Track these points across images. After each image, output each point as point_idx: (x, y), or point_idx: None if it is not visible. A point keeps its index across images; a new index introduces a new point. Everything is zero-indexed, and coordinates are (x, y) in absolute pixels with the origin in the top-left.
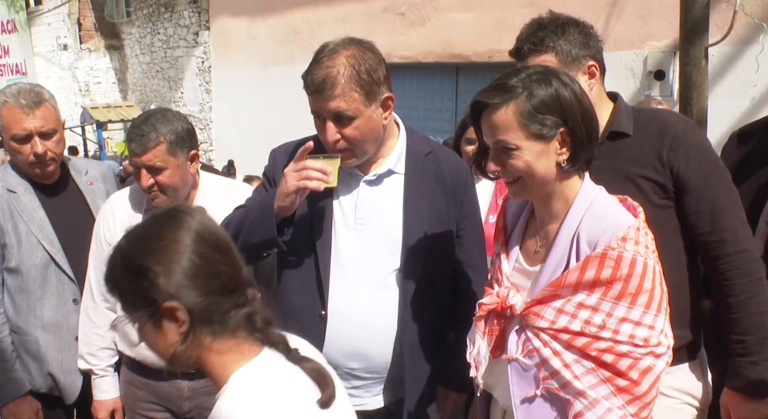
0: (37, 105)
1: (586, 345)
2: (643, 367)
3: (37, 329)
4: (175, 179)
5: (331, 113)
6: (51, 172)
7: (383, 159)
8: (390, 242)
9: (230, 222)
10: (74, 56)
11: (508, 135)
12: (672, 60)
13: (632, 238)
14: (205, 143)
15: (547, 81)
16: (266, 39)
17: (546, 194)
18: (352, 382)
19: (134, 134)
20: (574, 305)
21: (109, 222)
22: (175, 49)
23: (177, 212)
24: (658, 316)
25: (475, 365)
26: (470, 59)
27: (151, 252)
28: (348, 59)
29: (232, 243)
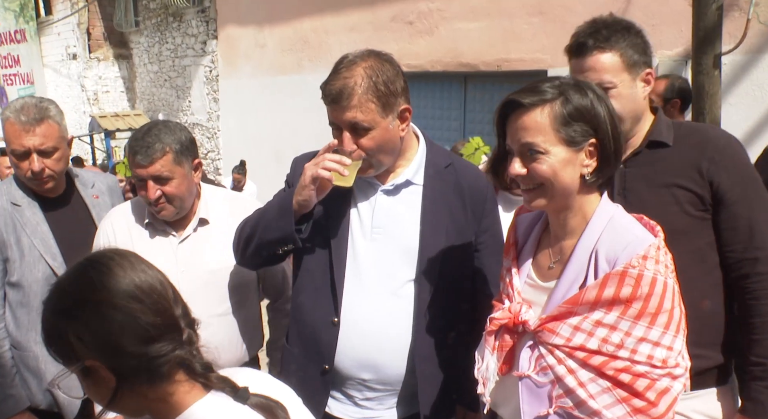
0: (38, 122)
1: (602, 363)
2: (661, 388)
3: (38, 345)
4: (182, 189)
5: (348, 124)
6: (50, 188)
7: (402, 169)
8: (406, 252)
9: (248, 221)
10: (83, 65)
11: (538, 137)
12: (683, 69)
13: (653, 257)
14: (212, 152)
15: (583, 91)
16: (274, 48)
17: (564, 206)
18: (364, 393)
19: (139, 146)
20: (592, 323)
21: (109, 236)
22: (183, 58)
23: (96, 264)
24: (677, 337)
25: (482, 381)
26: (478, 68)
27: (66, 313)
28: (366, 70)
29: (160, 286)
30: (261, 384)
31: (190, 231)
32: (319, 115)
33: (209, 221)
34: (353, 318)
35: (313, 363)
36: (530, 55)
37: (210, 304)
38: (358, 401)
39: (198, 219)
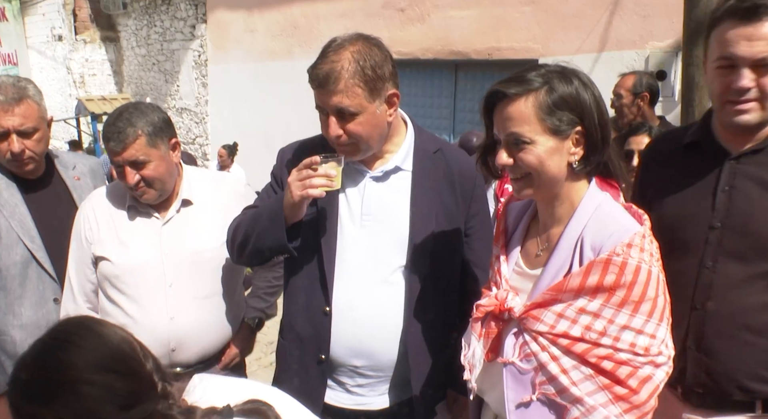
0: (17, 101)
1: (585, 351)
2: (643, 376)
3: (15, 329)
4: (161, 170)
5: (334, 108)
6: (30, 170)
7: (390, 155)
8: (396, 239)
9: (240, 224)
10: (69, 47)
11: (524, 127)
12: (674, 60)
13: (637, 245)
14: (200, 137)
15: (568, 79)
16: (264, 33)
17: (552, 195)
18: (356, 380)
19: (111, 133)
20: (576, 310)
21: (90, 221)
22: (171, 41)
23: (60, 341)
24: (660, 326)
25: (469, 368)
26: (469, 56)
27: (42, 399)
28: (353, 54)
29: (128, 348)
30: (241, 391)
31: (173, 213)
32: (309, 101)
33: (193, 202)
34: (345, 307)
35: (308, 354)
36: (521, 44)
37: (196, 285)
38: (350, 388)
39: (181, 200)
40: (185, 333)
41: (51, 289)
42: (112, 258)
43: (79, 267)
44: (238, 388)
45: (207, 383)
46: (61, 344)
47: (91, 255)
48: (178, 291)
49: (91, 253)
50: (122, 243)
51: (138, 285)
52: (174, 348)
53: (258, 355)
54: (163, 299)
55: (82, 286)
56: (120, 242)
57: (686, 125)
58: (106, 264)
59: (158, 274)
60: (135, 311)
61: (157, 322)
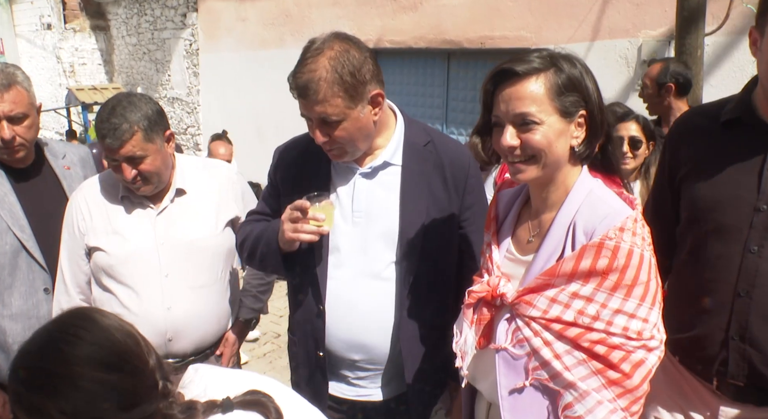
0: (6, 88)
1: (578, 335)
2: (636, 360)
3: (5, 319)
4: (157, 164)
5: (317, 118)
6: (20, 157)
7: (379, 150)
8: (387, 235)
9: (245, 240)
10: (58, 36)
11: (533, 107)
12: (667, 49)
13: (630, 229)
14: (192, 127)
15: (572, 62)
16: (255, 21)
17: (549, 180)
18: (356, 373)
19: (106, 129)
20: (568, 295)
21: (83, 211)
22: (162, 30)
23: (65, 334)
24: (652, 309)
25: (461, 355)
26: (462, 45)
27: (43, 389)
28: (330, 61)
29: (132, 344)
30: (238, 382)
31: (168, 203)
32: None
33: (186, 191)
34: (338, 305)
35: (308, 352)
36: (514, 33)
37: (192, 276)
38: (351, 380)
39: (175, 190)
40: (182, 323)
41: (41, 279)
42: (107, 248)
43: (71, 259)
44: (235, 379)
45: (203, 374)
46: (66, 337)
47: (84, 246)
48: (174, 280)
49: (84, 244)
50: (116, 234)
51: (133, 275)
52: (171, 338)
53: (251, 346)
54: (159, 289)
55: (75, 278)
56: (114, 232)
57: (721, 101)
58: (101, 254)
59: (154, 264)
60: (131, 301)
61: (154, 312)
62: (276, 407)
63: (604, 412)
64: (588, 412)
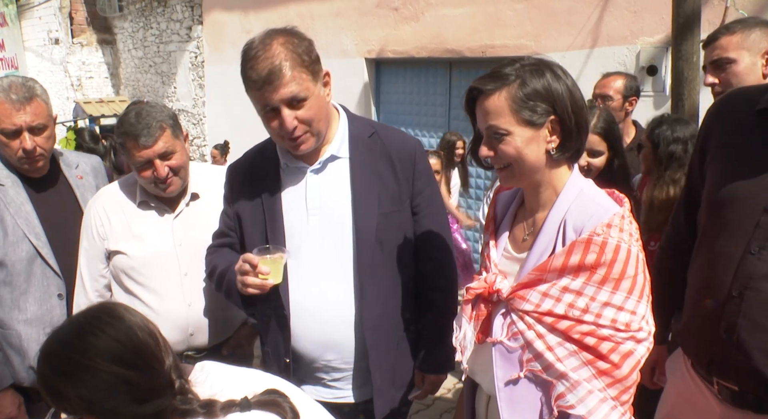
0: (28, 100)
1: (569, 328)
2: (624, 351)
3: (20, 323)
4: (184, 158)
5: (285, 100)
6: (39, 167)
7: (326, 145)
8: (343, 227)
9: (212, 271)
10: (66, 50)
11: (500, 120)
12: (664, 55)
13: (617, 225)
14: (198, 138)
15: (540, 71)
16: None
17: (535, 182)
18: (331, 375)
19: (137, 130)
20: (559, 289)
21: (102, 216)
22: (168, 43)
23: (90, 326)
24: (640, 302)
25: (461, 349)
26: (463, 54)
27: (64, 374)
28: (283, 45)
29: (151, 342)
30: (250, 381)
31: (183, 207)
32: None
33: (200, 195)
34: (302, 306)
35: (278, 359)
36: (515, 42)
37: None
38: (328, 382)
39: (190, 194)
40: (202, 318)
41: (55, 285)
42: (128, 251)
43: (91, 264)
44: (245, 378)
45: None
46: (91, 328)
47: (104, 251)
48: (193, 279)
49: (105, 249)
50: (136, 237)
51: (155, 275)
52: (192, 333)
53: None
54: (179, 287)
55: (95, 282)
56: (134, 236)
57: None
58: (122, 257)
59: (173, 264)
60: (153, 301)
61: (177, 310)
62: (292, 406)
63: (594, 401)
64: (579, 401)
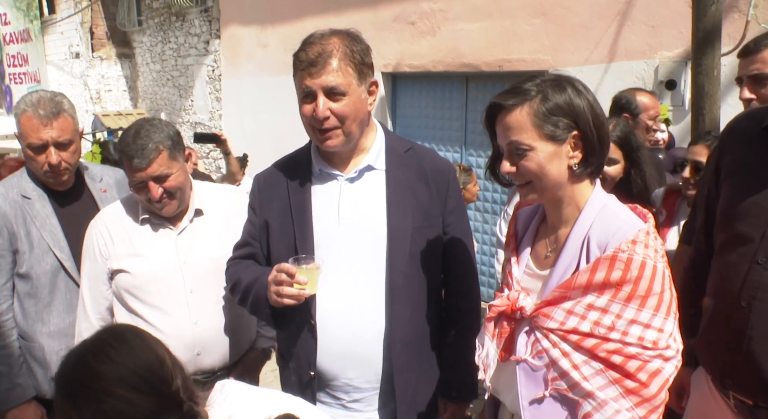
0: (55, 115)
1: (595, 346)
2: (652, 370)
3: (43, 336)
4: (181, 180)
5: (325, 87)
6: (64, 181)
7: (362, 155)
8: (375, 238)
9: (236, 284)
10: (86, 64)
11: (522, 135)
12: (683, 69)
13: (642, 241)
14: (214, 151)
15: (561, 87)
16: (276, 47)
17: (557, 198)
18: (351, 395)
19: (132, 150)
20: (584, 306)
21: (104, 236)
22: (185, 57)
23: (98, 351)
24: (667, 319)
25: (483, 368)
26: (480, 69)
27: (71, 397)
28: (342, 40)
29: (158, 366)
30: (267, 403)
31: (187, 223)
32: None
33: (204, 212)
34: (329, 316)
35: (300, 372)
36: (532, 56)
37: (215, 291)
38: (347, 403)
39: (194, 211)
40: (209, 337)
41: (78, 298)
42: (131, 269)
43: (92, 285)
44: (264, 399)
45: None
46: (97, 354)
47: (107, 270)
48: (198, 296)
49: (107, 268)
50: (139, 255)
51: (160, 293)
52: (199, 353)
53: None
54: (185, 305)
55: (96, 305)
56: (137, 254)
57: None
58: (125, 276)
59: (178, 282)
60: (159, 319)
61: (182, 328)
62: None
63: None
64: None
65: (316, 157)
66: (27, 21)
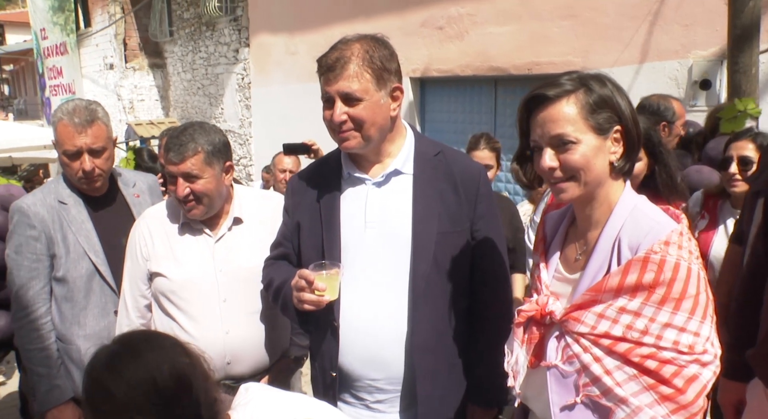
0: (89, 123)
1: (628, 351)
2: (689, 375)
3: (80, 338)
4: (210, 187)
5: (341, 93)
6: (98, 186)
7: (390, 159)
8: (400, 242)
9: (269, 284)
10: (119, 75)
11: (568, 127)
12: (719, 69)
13: (675, 243)
14: (244, 158)
15: (602, 81)
16: (305, 54)
17: (592, 197)
18: (375, 396)
19: (172, 144)
20: (616, 310)
21: (146, 238)
22: (215, 66)
23: (108, 369)
24: (703, 323)
25: (513, 374)
26: (509, 72)
27: (90, 397)
28: (363, 45)
29: (172, 382)
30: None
31: (225, 230)
32: None
33: (243, 220)
34: (353, 319)
35: (324, 372)
36: (561, 58)
37: (248, 301)
38: (370, 404)
39: (233, 219)
40: (240, 346)
41: (112, 302)
42: (168, 273)
43: (133, 284)
44: (287, 403)
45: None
46: (119, 357)
47: (146, 271)
48: (231, 305)
49: (147, 269)
50: (177, 260)
51: (193, 300)
52: (229, 361)
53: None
54: (218, 313)
55: (136, 302)
56: (175, 258)
57: None
58: (162, 279)
59: (212, 289)
60: (191, 325)
61: (214, 336)
62: None
63: None
64: None
65: (346, 160)
66: (64, 34)
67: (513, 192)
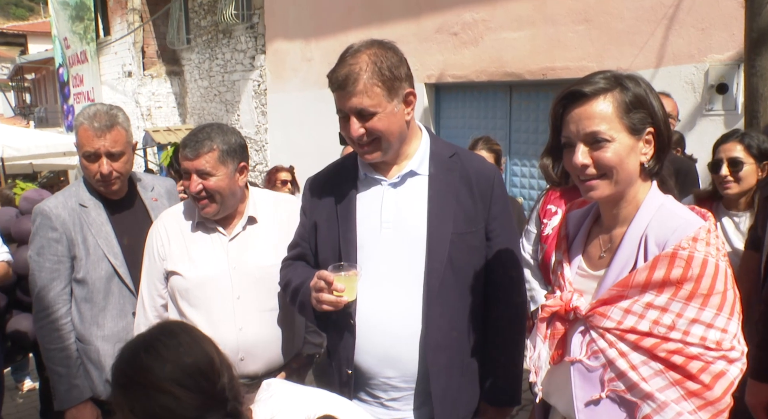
0: (109, 128)
1: (654, 346)
2: (716, 371)
3: (98, 339)
4: (222, 186)
5: (354, 109)
6: (115, 189)
7: (406, 161)
8: (415, 243)
9: (287, 284)
10: (137, 82)
11: (603, 125)
12: (735, 72)
13: (703, 239)
14: (261, 164)
15: (636, 81)
16: (320, 61)
17: (622, 195)
18: (390, 393)
19: (189, 141)
20: (643, 305)
21: (162, 237)
22: (232, 73)
23: (148, 346)
24: (731, 320)
25: (534, 370)
26: (523, 77)
27: (122, 389)
28: (370, 57)
29: (206, 364)
30: (310, 401)
31: (240, 229)
32: None
33: (257, 220)
34: (369, 318)
35: (340, 370)
36: (576, 63)
37: (261, 299)
38: (385, 402)
39: (247, 218)
40: (253, 344)
41: (131, 303)
42: (183, 272)
43: (150, 283)
44: (307, 399)
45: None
46: (148, 348)
47: (163, 271)
48: (245, 303)
49: (163, 269)
50: (191, 259)
51: (207, 298)
52: (242, 358)
53: None
54: (231, 311)
55: (153, 301)
56: (189, 258)
57: None
58: (178, 278)
59: (226, 287)
60: (205, 323)
61: (227, 333)
62: None
63: None
64: None
65: (362, 162)
66: (84, 43)
67: (512, 194)
